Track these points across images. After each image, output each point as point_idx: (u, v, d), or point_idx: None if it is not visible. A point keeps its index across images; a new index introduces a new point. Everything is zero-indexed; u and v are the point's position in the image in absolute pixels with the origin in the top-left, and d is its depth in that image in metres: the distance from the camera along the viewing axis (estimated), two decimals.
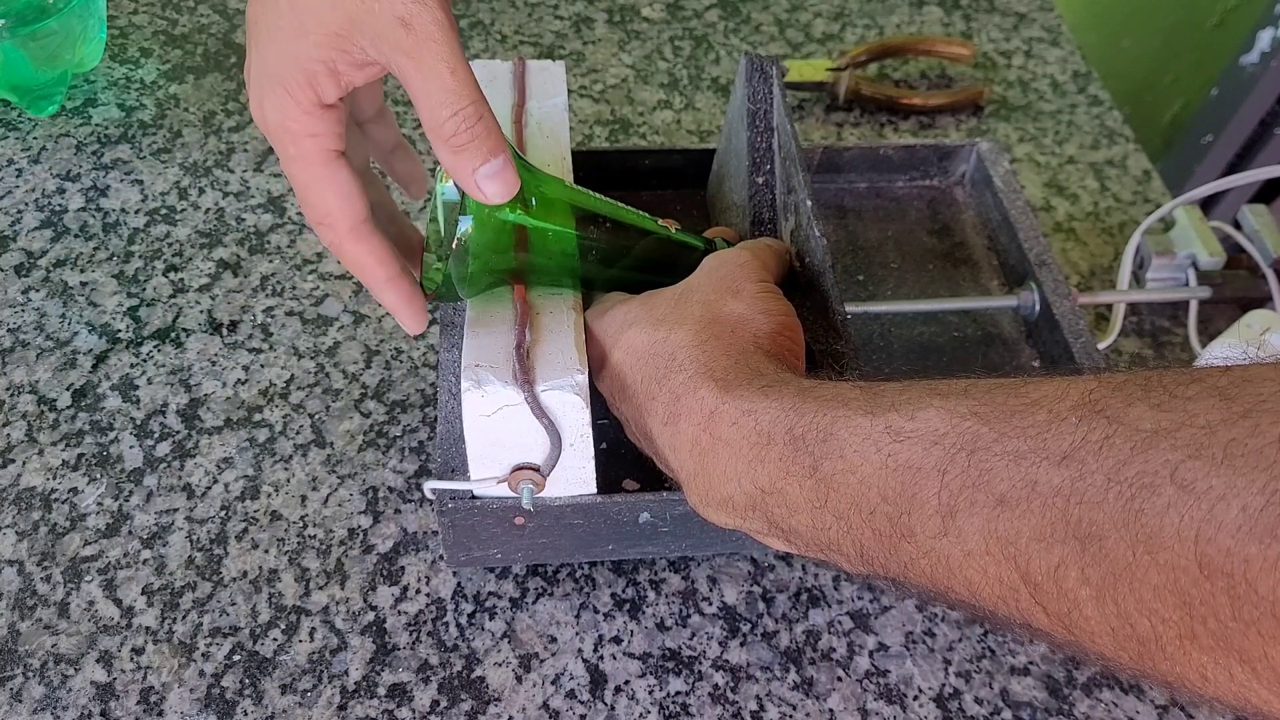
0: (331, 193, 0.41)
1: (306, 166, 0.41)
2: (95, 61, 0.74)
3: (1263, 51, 1.26)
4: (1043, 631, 0.29)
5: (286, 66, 0.38)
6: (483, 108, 0.38)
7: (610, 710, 0.48)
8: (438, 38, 0.37)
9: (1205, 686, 0.25)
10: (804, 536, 0.36)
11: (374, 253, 0.43)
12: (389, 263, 0.44)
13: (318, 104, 0.39)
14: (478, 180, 0.39)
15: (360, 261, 0.43)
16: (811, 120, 0.79)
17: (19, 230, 0.66)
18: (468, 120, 0.38)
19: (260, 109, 0.40)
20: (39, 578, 0.50)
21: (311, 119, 0.40)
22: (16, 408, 0.57)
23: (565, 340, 0.45)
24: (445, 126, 0.38)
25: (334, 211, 0.42)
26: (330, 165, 0.41)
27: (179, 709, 0.47)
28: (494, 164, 0.39)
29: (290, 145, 0.40)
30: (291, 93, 0.39)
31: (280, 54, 0.38)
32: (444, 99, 0.37)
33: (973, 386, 0.32)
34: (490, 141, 0.39)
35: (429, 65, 0.37)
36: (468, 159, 0.38)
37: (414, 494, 0.55)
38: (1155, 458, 0.25)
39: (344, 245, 0.43)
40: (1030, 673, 0.50)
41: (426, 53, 0.37)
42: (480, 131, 0.38)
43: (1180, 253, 0.66)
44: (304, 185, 0.41)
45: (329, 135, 0.40)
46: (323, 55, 0.38)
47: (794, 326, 0.44)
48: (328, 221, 0.42)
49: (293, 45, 0.38)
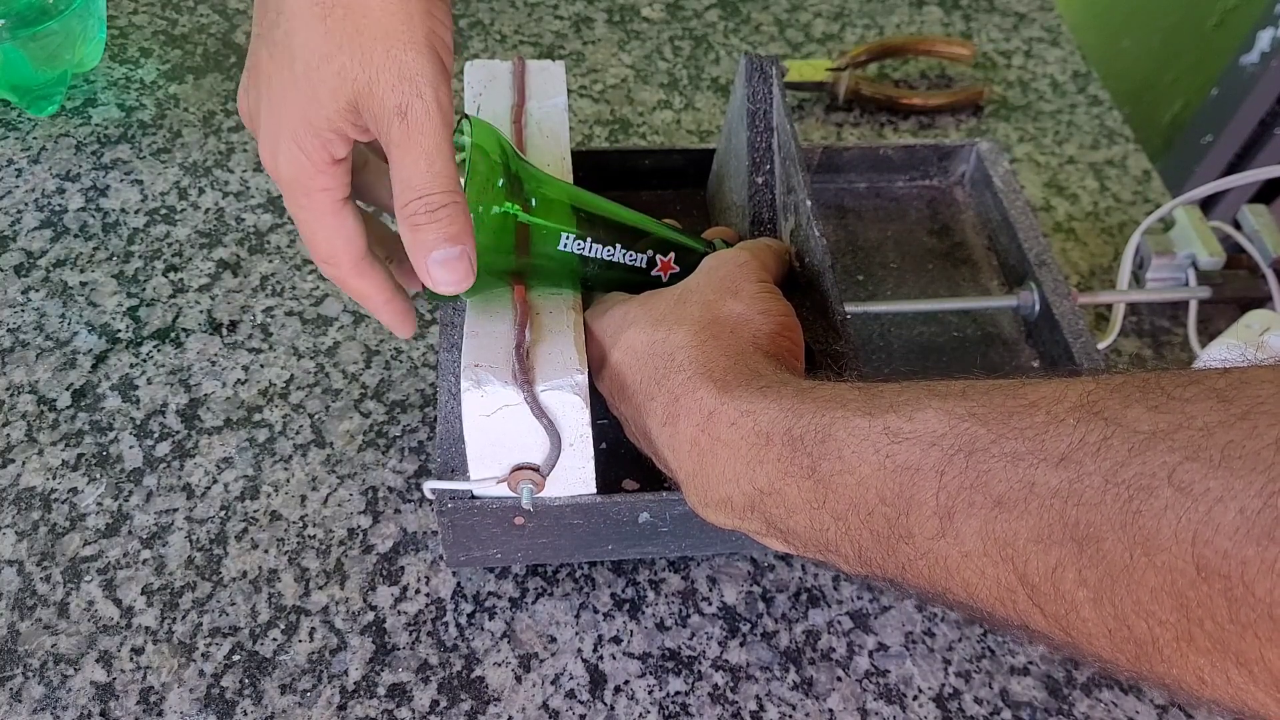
0: (338, 238, 0.43)
1: (316, 216, 0.42)
2: (95, 61, 0.74)
3: (1263, 51, 1.25)
4: (1040, 633, 0.29)
5: (300, 127, 0.40)
6: (451, 198, 0.39)
7: (610, 710, 0.48)
8: (426, 130, 0.38)
9: (1202, 689, 0.25)
10: (802, 537, 0.36)
11: (373, 283, 0.46)
12: (385, 289, 0.46)
13: (330, 161, 0.41)
14: (428, 263, 0.39)
15: (362, 293, 0.46)
16: (811, 120, 0.79)
17: (19, 230, 0.66)
18: (429, 206, 0.39)
19: (274, 161, 0.41)
20: (39, 578, 0.50)
21: (324, 176, 0.41)
22: (16, 408, 0.57)
23: (565, 340, 0.45)
24: (408, 207, 0.39)
25: (339, 253, 0.44)
26: (338, 215, 0.43)
27: (179, 709, 0.47)
28: (447, 251, 0.39)
29: (302, 197, 0.42)
30: (306, 152, 0.40)
31: (294, 114, 0.40)
32: (413, 184, 0.39)
33: (971, 388, 0.32)
34: (449, 228, 0.39)
35: (410, 156, 0.39)
36: (423, 239, 0.39)
37: (414, 494, 0.55)
38: (1153, 460, 0.25)
39: (348, 280, 0.45)
40: (1030, 673, 0.50)
41: (412, 144, 0.38)
42: (441, 217, 0.39)
43: (1180, 253, 0.66)
44: (312, 232, 0.43)
45: (339, 187, 0.42)
46: (334, 125, 0.40)
47: (793, 327, 0.44)
48: (333, 261, 0.44)
49: (306, 109, 0.39)
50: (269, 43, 0.40)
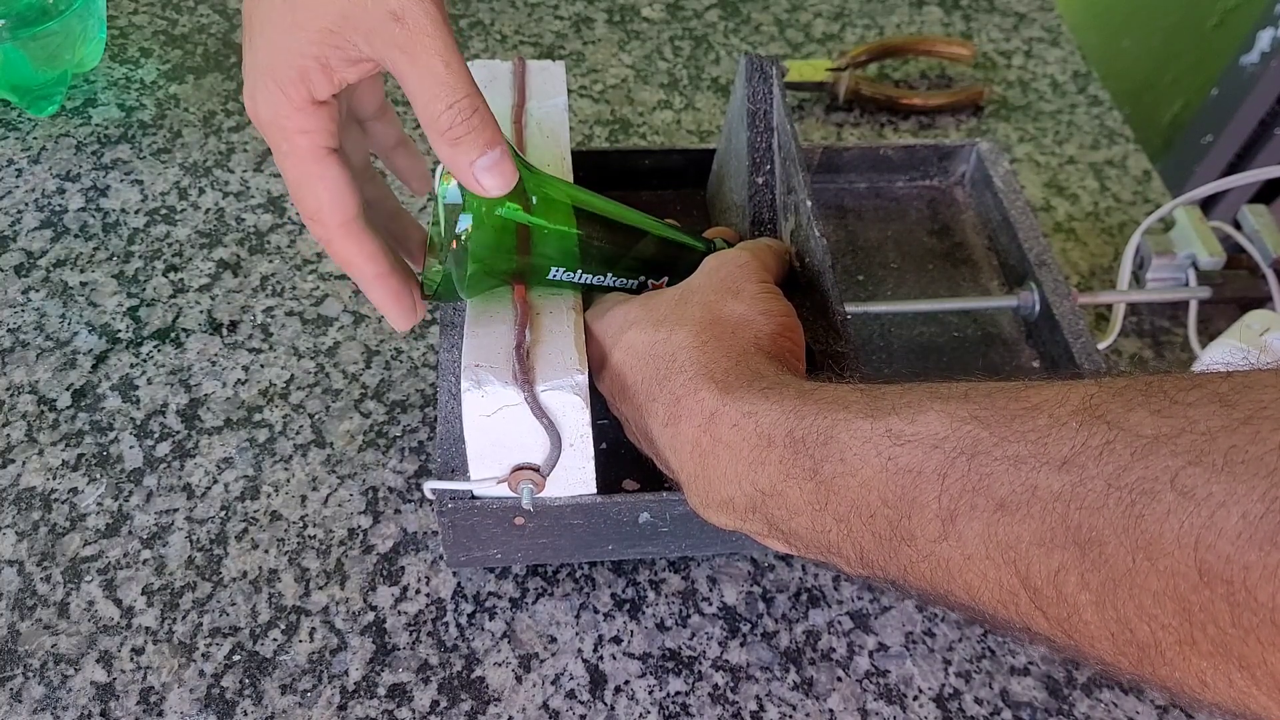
0: (322, 189, 0.41)
1: (298, 162, 0.41)
2: (95, 61, 0.74)
3: (1263, 51, 1.25)
4: (1042, 635, 0.29)
5: (279, 61, 0.38)
6: (478, 100, 0.38)
7: (610, 710, 0.48)
8: (430, 31, 0.36)
9: (1204, 692, 0.25)
10: (804, 539, 0.36)
11: (363, 250, 0.43)
12: (378, 260, 0.44)
13: (310, 100, 0.39)
14: (475, 173, 0.39)
15: (348, 258, 0.43)
16: (811, 120, 0.79)
17: (19, 230, 0.65)
18: (463, 113, 0.37)
19: (253, 103, 0.40)
20: (39, 578, 0.50)
21: (303, 115, 0.40)
22: (16, 408, 0.57)
23: (565, 340, 0.45)
24: (441, 119, 0.38)
25: (324, 207, 0.42)
26: (321, 162, 0.41)
27: (179, 709, 0.47)
28: (491, 156, 0.39)
29: (282, 141, 0.40)
30: (284, 89, 0.39)
31: (273, 48, 0.38)
32: (439, 92, 0.37)
33: (973, 390, 0.32)
34: (487, 133, 0.38)
35: (422, 59, 0.37)
36: (464, 151, 0.38)
37: (414, 494, 0.55)
38: (1155, 464, 0.25)
39: (333, 241, 0.43)
40: (1030, 673, 0.50)
41: (419, 47, 0.37)
42: (476, 123, 0.38)
43: (1180, 253, 0.66)
44: (295, 181, 0.41)
45: (321, 132, 0.40)
46: (315, 51, 0.38)
47: (794, 327, 0.44)
48: (317, 217, 0.42)
49: (286, 40, 0.38)
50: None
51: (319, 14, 0.37)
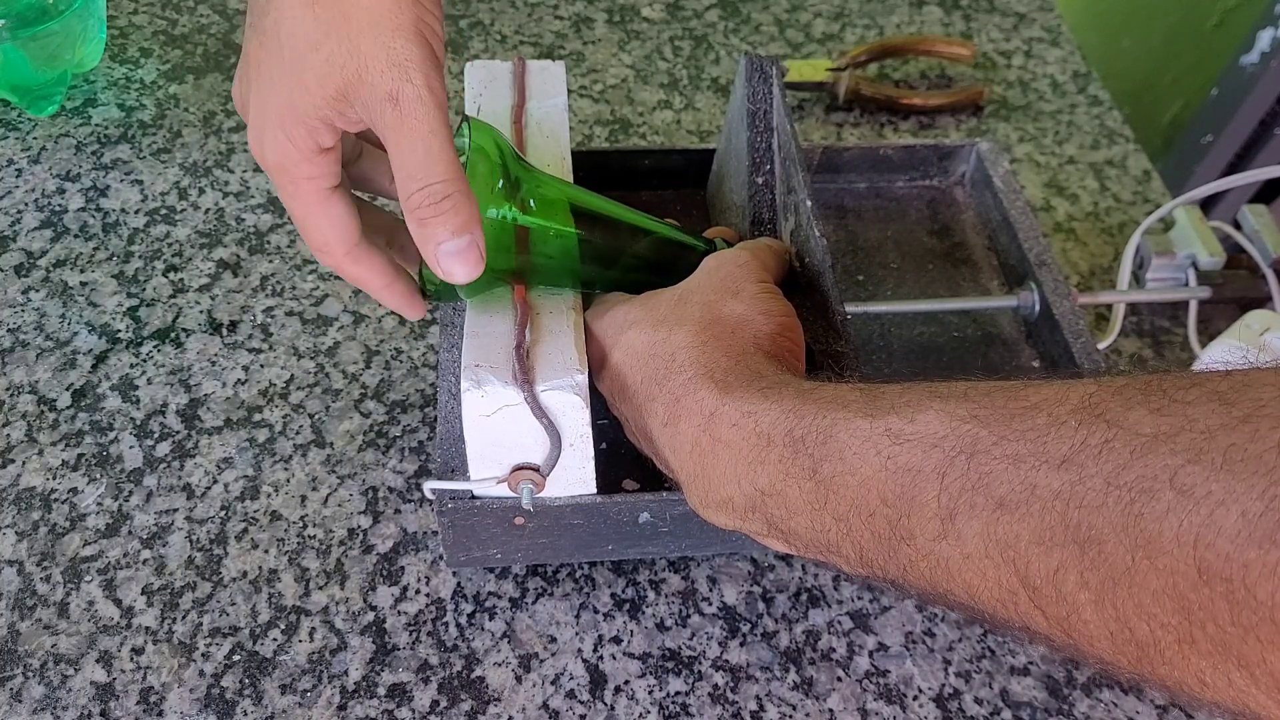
0: (328, 225, 0.43)
1: (304, 204, 0.42)
2: (95, 61, 0.74)
3: (1263, 51, 1.25)
4: (1041, 634, 0.29)
5: (287, 115, 0.39)
6: (453, 186, 0.39)
7: (610, 710, 0.48)
8: (419, 114, 0.38)
9: (1204, 691, 0.25)
10: (803, 538, 0.36)
11: (370, 268, 0.45)
12: (384, 273, 0.46)
13: (317, 150, 0.41)
14: (438, 256, 0.39)
15: (358, 277, 0.45)
16: (811, 120, 0.79)
17: (19, 230, 0.66)
18: (433, 196, 0.38)
19: (260, 148, 0.41)
20: (39, 578, 0.50)
21: (310, 164, 0.41)
22: (16, 408, 0.57)
23: (565, 340, 0.45)
24: (412, 199, 0.39)
25: (330, 241, 0.44)
26: (326, 202, 0.42)
27: (179, 709, 0.47)
28: (457, 242, 0.39)
29: (289, 184, 0.42)
30: (292, 139, 0.40)
31: (281, 102, 0.40)
32: (415, 173, 0.38)
33: (972, 389, 0.32)
34: (457, 220, 0.39)
35: (406, 141, 0.38)
36: (430, 233, 0.39)
37: (414, 494, 0.55)
38: (1155, 462, 0.25)
39: (342, 267, 0.45)
40: (1030, 673, 0.50)
41: (406, 129, 0.38)
42: (446, 208, 0.39)
43: (1180, 253, 0.66)
44: (301, 219, 0.43)
45: (326, 176, 0.42)
46: (321, 114, 0.39)
47: (794, 327, 0.44)
48: (325, 249, 0.44)
49: (293, 97, 0.39)
50: (259, 31, 0.40)
51: (324, 82, 0.38)
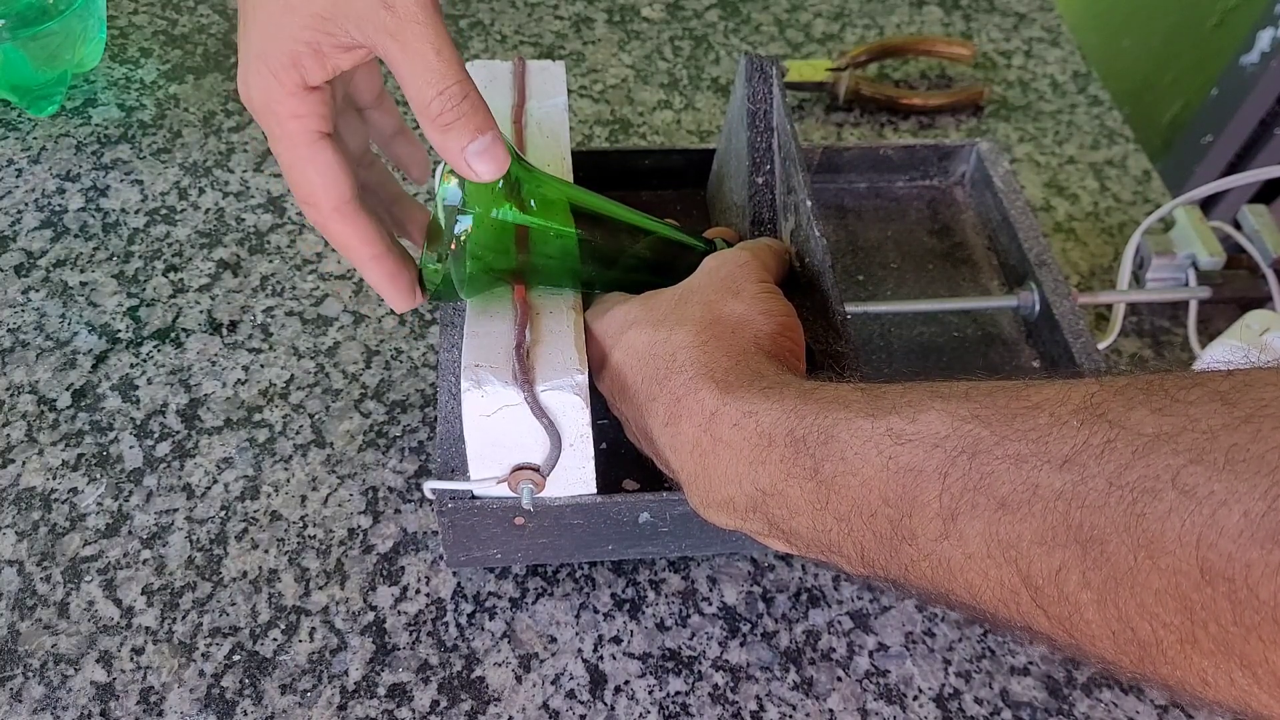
0: (315, 173, 0.41)
1: (290, 147, 0.41)
2: (95, 61, 0.74)
3: (1263, 51, 1.25)
4: (1043, 634, 0.29)
5: (271, 47, 0.38)
6: (468, 86, 0.38)
7: (610, 710, 0.48)
8: (420, 18, 0.37)
9: (1206, 691, 0.25)
10: (805, 538, 0.36)
11: (358, 232, 0.43)
12: (373, 242, 0.44)
13: (302, 86, 0.40)
14: (467, 158, 0.39)
15: (343, 240, 0.44)
16: (811, 120, 0.79)
17: (19, 230, 0.65)
18: (453, 98, 0.38)
19: (246, 87, 0.40)
20: (39, 578, 0.50)
21: (295, 100, 0.40)
22: (16, 408, 0.57)
23: (565, 340, 0.45)
24: (432, 106, 0.38)
25: (317, 191, 0.42)
26: (314, 146, 0.41)
27: (179, 709, 0.47)
28: (482, 141, 0.39)
29: (275, 125, 0.41)
30: (276, 74, 0.39)
31: (266, 33, 0.38)
32: (429, 79, 0.37)
33: (974, 389, 0.32)
34: (477, 119, 0.38)
35: (412, 46, 0.37)
36: (455, 137, 0.38)
37: (414, 494, 0.55)
38: (1157, 462, 0.25)
39: (328, 224, 0.43)
40: (1030, 673, 0.50)
41: (409, 34, 0.37)
42: (467, 109, 0.38)
43: (1180, 253, 0.66)
44: (288, 165, 0.42)
45: (313, 117, 0.40)
46: (307, 37, 0.38)
47: (795, 327, 0.44)
48: (311, 200, 0.42)
49: (278, 25, 0.38)
50: None
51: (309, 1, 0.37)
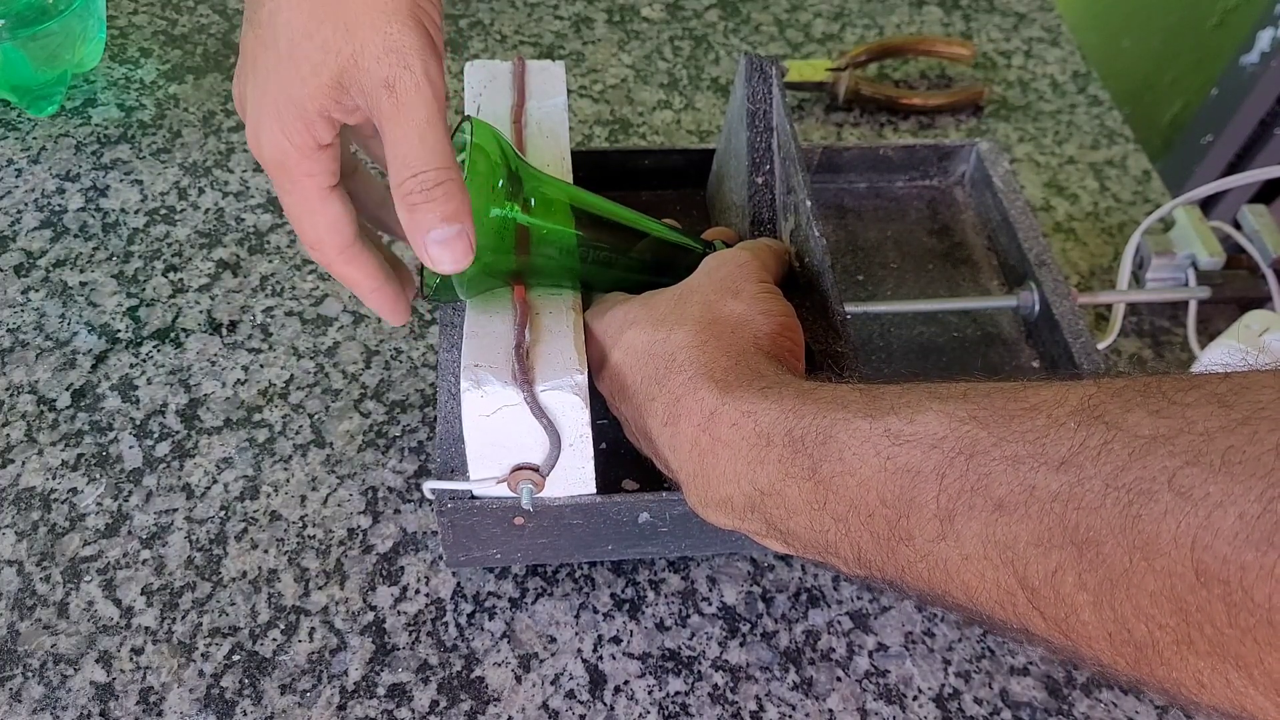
0: (324, 224, 0.43)
1: (301, 201, 0.42)
2: (95, 61, 0.74)
3: (1263, 51, 1.25)
4: (1040, 636, 0.29)
5: (284, 109, 0.39)
6: (447, 175, 0.38)
7: (610, 710, 0.48)
8: (415, 103, 0.38)
9: (1201, 693, 0.25)
10: (802, 538, 0.36)
11: (361, 270, 0.45)
12: (374, 276, 0.46)
13: (315, 146, 0.41)
14: (426, 244, 0.39)
15: (349, 278, 0.45)
16: (811, 120, 0.79)
17: (19, 230, 0.66)
18: (424, 184, 0.38)
19: (258, 143, 0.41)
20: (38, 578, 0.50)
21: (309, 161, 0.41)
22: (16, 408, 0.57)
23: (565, 340, 0.45)
24: (404, 186, 0.38)
25: (325, 239, 0.43)
26: (325, 200, 0.42)
27: (178, 709, 0.47)
28: (447, 230, 0.38)
29: (287, 181, 0.42)
30: (289, 135, 0.40)
31: (278, 96, 0.39)
32: (409, 160, 0.38)
33: (972, 390, 0.32)
34: (448, 207, 0.38)
35: (401, 129, 0.38)
36: (420, 220, 0.39)
37: (414, 494, 0.55)
38: (1153, 464, 0.25)
39: (334, 266, 0.45)
40: (1030, 673, 0.50)
41: (402, 116, 0.38)
42: (438, 195, 0.38)
43: (1180, 253, 0.66)
44: (297, 216, 0.43)
45: (325, 174, 0.42)
46: (318, 105, 0.39)
47: (794, 327, 0.44)
48: (318, 247, 0.44)
49: (290, 89, 0.39)
50: (255, 24, 0.40)
51: (320, 70, 0.38)
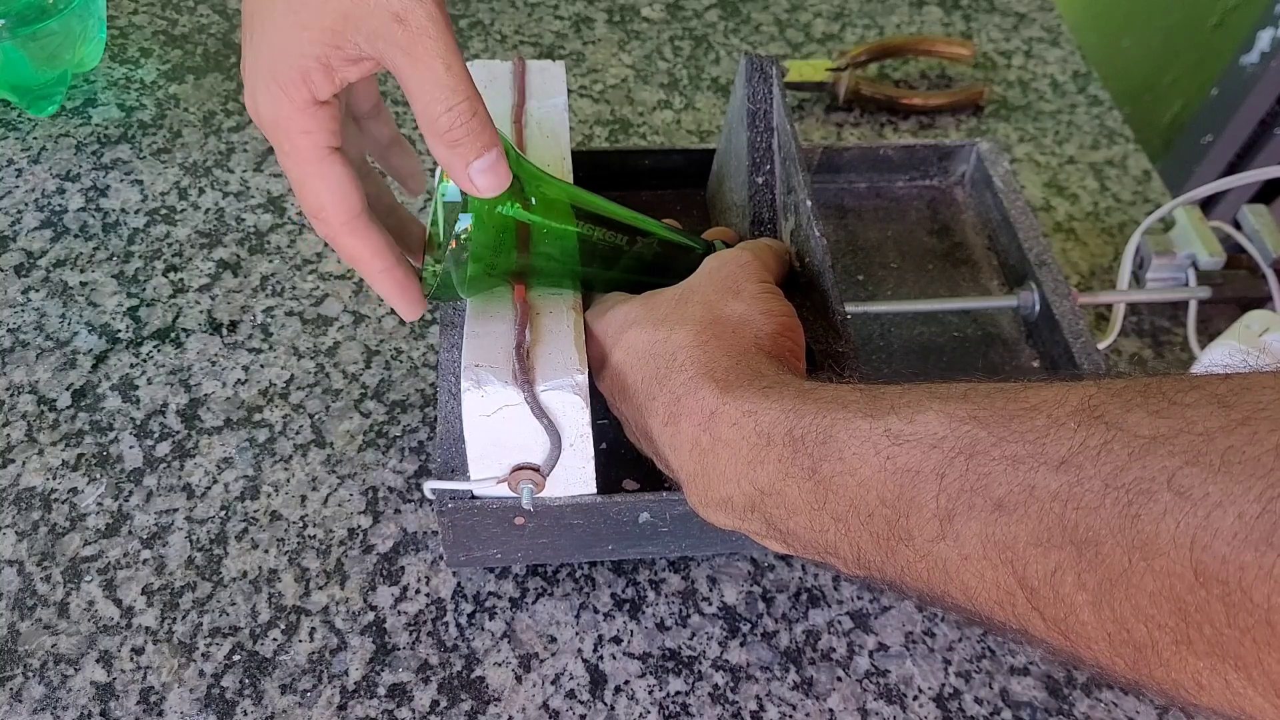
0: (325, 188, 0.41)
1: (301, 162, 0.41)
2: (95, 61, 0.74)
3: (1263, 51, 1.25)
4: (1039, 637, 0.29)
5: (281, 62, 0.38)
6: (477, 103, 0.38)
7: (610, 710, 0.48)
8: (432, 33, 0.37)
9: (1200, 694, 0.25)
10: (802, 538, 0.36)
11: (369, 245, 0.43)
12: (383, 255, 0.44)
13: (311, 101, 0.39)
14: (471, 174, 0.39)
15: (354, 254, 0.44)
16: (811, 120, 0.79)
17: (19, 230, 0.66)
18: (462, 116, 0.38)
19: (254, 103, 0.40)
20: (39, 578, 0.50)
21: (305, 116, 0.40)
22: (16, 408, 0.57)
23: (565, 340, 0.45)
24: (440, 121, 0.38)
25: (327, 206, 0.42)
26: (324, 161, 0.41)
27: (179, 709, 0.47)
28: (488, 158, 0.39)
29: (284, 141, 0.40)
30: (285, 90, 0.39)
31: (275, 49, 0.38)
32: (438, 94, 0.37)
33: (972, 390, 0.32)
34: (485, 136, 0.39)
35: (423, 61, 0.37)
36: (462, 154, 0.39)
37: (414, 494, 0.55)
38: (1153, 464, 0.25)
39: (338, 238, 0.43)
40: (1030, 673, 0.50)
41: (421, 48, 0.37)
42: (475, 126, 0.38)
43: (1180, 253, 0.66)
44: (298, 180, 0.42)
45: (323, 132, 0.40)
46: (317, 51, 0.38)
47: (795, 327, 0.44)
48: (321, 215, 0.42)
49: (287, 40, 0.38)
50: None
51: (321, 14, 0.37)
